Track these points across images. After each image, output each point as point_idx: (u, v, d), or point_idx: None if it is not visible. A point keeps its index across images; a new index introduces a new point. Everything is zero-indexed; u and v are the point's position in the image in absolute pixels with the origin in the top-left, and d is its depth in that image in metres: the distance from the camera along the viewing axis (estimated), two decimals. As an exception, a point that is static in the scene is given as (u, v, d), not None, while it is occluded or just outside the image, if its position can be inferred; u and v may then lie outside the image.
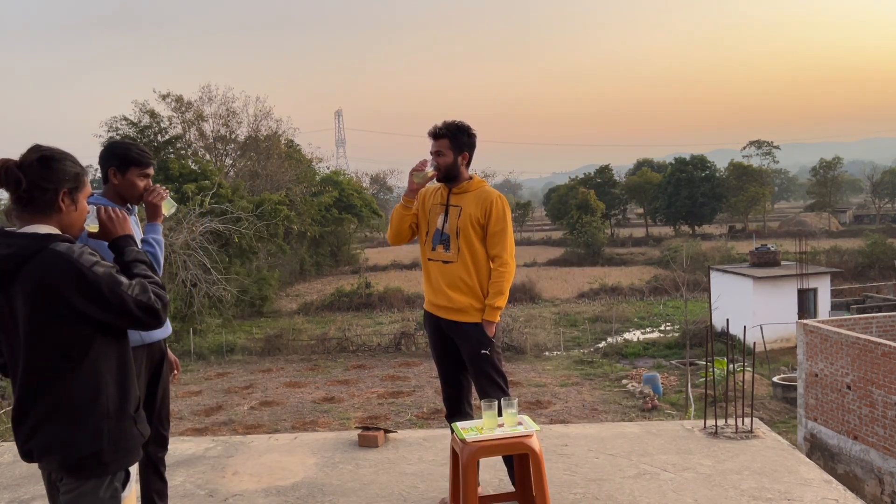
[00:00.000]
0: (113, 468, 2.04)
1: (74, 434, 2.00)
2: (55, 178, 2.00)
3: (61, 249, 1.94)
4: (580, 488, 3.70)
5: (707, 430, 4.51)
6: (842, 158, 74.62)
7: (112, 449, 2.03)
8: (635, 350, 25.20)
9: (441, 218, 3.51)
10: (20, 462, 4.40)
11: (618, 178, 73.38)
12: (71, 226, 2.07)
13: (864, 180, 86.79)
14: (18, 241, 1.96)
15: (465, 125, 3.51)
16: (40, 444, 2.03)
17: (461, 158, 3.50)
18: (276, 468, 4.16)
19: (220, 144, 39.51)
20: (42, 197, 2.00)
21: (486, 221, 3.46)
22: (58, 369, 1.99)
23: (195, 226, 24.39)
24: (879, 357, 11.36)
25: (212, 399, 20.12)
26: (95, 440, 2.01)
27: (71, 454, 2.00)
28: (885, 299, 27.86)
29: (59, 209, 2.02)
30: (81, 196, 2.09)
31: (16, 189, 1.97)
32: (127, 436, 2.07)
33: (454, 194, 3.52)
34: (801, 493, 3.53)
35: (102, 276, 1.95)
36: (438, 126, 3.48)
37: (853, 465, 12.12)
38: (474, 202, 3.47)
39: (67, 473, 2.02)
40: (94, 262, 1.96)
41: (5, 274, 1.96)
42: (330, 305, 35.01)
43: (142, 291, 2.01)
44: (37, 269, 1.93)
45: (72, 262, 1.93)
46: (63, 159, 2.03)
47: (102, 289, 1.94)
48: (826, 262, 36.03)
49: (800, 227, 58.00)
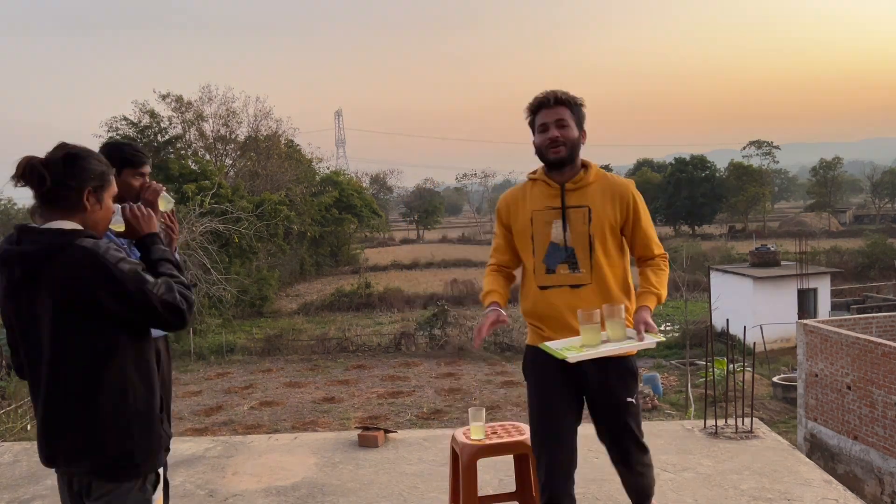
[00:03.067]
0: (144, 469, 2.01)
1: (105, 437, 1.95)
2: (80, 176, 1.96)
3: (87, 245, 1.90)
4: (580, 488, 3.69)
5: (707, 430, 4.50)
6: (842, 158, 74.60)
7: (143, 450, 1.99)
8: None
9: (558, 226, 2.62)
10: (20, 462, 4.39)
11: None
12: (96, 225, 2.03)
13: (865, 180, 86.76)
14: (43, 238, 1.91)
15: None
16: (68, 449, 1.97)
17: (582, 137, 2.65)
18: (276, 468, 4.16)
19: (220, 144, 39.50)
20: (66, 195, 1.95)
21: (625, 221, 2.64)
22: (85, 370, 1.93)
23: (195, 226, 24.38)
24: (879, 357, 11.35)
25: (212, 399, 20.11)
26: (127, 442, 1.97)
27: (102, 458, 1.95)
28: (885, 299, 27.85)
29: (83, 208, 1.98)
30: (107, 195, 2.04)
31: (40, 187, 1.93)
32: (156, 436, 2.04)
33: (572, 191, 2.62)
34: (802, 493, 3.53)
35: (128, 273, 1.90)
36: (555, 91, 2.62)
37: (853, 466, 12.12)
38: (603, 197, 2.62)
39: (98, 478, 1.97)
40: (121, 259, 1.91)
41: (29, 271, 1.91)
42: (330, 305, 34.99)
43: (167, 290, 1.96)
44: (62, 265, 1.88)
45: (98, 258, 1.88)
46: (89, 157, 2.00)
47: (128, 286, 1.89)
48: (826, 262, 35.99)
49: (800, 227, 57.94)
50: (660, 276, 2.62)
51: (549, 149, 2.57)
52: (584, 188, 2.62)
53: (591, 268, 2.59)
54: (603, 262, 2.60)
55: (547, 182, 2.65)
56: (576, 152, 2.61)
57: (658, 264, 2.65)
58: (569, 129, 2.57)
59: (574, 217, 2.60)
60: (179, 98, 36.86)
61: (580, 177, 2.62)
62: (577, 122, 2.61)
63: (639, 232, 2.65)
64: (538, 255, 2.64)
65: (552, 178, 2.64)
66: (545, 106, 2.59)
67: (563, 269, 2.61)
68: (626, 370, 2.63)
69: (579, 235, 2.59)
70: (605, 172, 2.70)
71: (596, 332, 2.43)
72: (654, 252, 2.67)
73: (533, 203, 2.66)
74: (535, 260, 2.65)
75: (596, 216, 2.59)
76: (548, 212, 2.63)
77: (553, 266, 2.62)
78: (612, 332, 2.47)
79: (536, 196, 2.66)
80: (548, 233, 2.63)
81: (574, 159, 2.62)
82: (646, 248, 2.67)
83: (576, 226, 2.60)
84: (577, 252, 2.60)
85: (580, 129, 2.63)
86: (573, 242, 2.60)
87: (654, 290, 2.60)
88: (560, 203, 2.61)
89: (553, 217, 2.62)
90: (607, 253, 2.61)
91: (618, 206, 2.62)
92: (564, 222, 2.61)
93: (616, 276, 2.63)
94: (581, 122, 2.63)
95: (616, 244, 2.64)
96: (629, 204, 2.63)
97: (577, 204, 2.60)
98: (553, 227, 2.62)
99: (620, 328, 2.48)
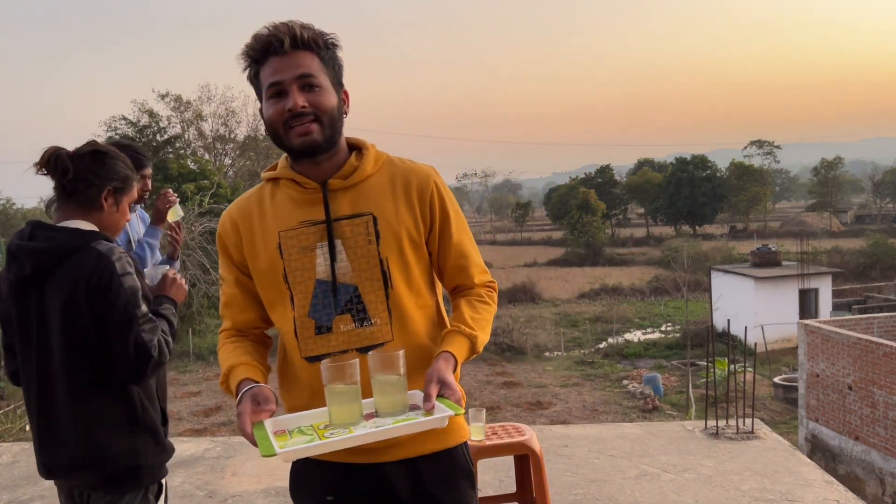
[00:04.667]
0: (147, 481, 1.98)
1: (110, 449, 1.92)
2: (103, 174, 1.95)
3: (102, 249, 1.86)
4: (580, 489, 3.68)
5: (708, 430, 4.49)
6: (843, 158, 74.68)
7: (147, 462, 1.97)
8: (636, 350, 25.20)
9: (324, 252, 1.58)
10: (19, 462, 4.38)
11: (618, 177, 73.44)
12: (110, 227, 2.00)
13: (866, 180, 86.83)
14: (59, 236, 1.87)
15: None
16: (70, 460, 1.93)
17: (344, 101, 1.62)
18: (276, 469, 4.15)
19: (220, 144, 39.51)
20: (86, 191, 1.93)
21: (429, 229, 1.63)
22: (91, 379, 1.89)
23: (194, 226, 24.38)
24: (881, 357, 11.34)
25: (211, 399, 20.11)
26: (132, 454, 1.94)
27: (107, 469, 1.92)
28: (887, 299, 27.86)
29: (100, 207, 1.95)
30: (125, 199, 2.03)
31: (62, 177, 1.91)
32: (160, 448, 2.01)
33: (340, 191, 1.60)
34: (802, 493, 3.52)
35: (127, 289, 1.85)
36: (290, 25, 1.53)
37: (854, 466, 12.10)
38: (393, 194, 1.61)
39: (98, 490, 1.94)
40: (128, 273, 1.87)
41: (41, 270, 1.86)
42: (330, 305, 35.00)
43: (150, 330, 1.88)
44: (75, 267, 1.84)
45: (108, 263, 1.85)
46: (116, 158, 1.99)
47: (119, 299, 1.84)
48: (827, 262, 36.00)
49: (801, 227, 57.96)
50: (479, 311, 1.64)
51: (291, 127, 1.53)
52: (359, 185, 1.60)
53: (391, 316, 1.58)
54: (408, 304, 1.60)
55: (296, 182, 1.59)
56: (336, 128, 1.57)
57: (480, 295, 1.68)
58: (322, 93, 1.53)
59: (350, 233, 1.57)
60: (178, 97, 36.88)
61: (350, 166, 1.60)
62: (333, 77, 1.57)
63: (449, 248, 1.64)
64: (300, 307, 1.59)
65: (304, 173, 1.59)
66: (275, 52, 1.52)
67: (345, 324, 1.58)
68: (452, 463, 1.63)
69: (363, 262, 1.57)
70: (390, 156, 1.67)
71: (351, 401, 1.43)
72: (473, 279, 1.68)
73: (278, 219, 1.60)
74: (294, 314, 1.59)
75: (386, 226, 1.58)
76: (305, 230, 1.58)
77: (326, 321, 1.58)
78: (384, 402, 1.44)
79: (282, 206, 1.61)
80: (310, 265, 1.58)
81: (336, 140, 1.58)
82: (461, 274, 1.67)
83: (355, 248, 1.57)
84: (364, 290, 1.58)
85: (339, 88, 1.59)
86: (354, 276, 1.57)
87: (465, 328, 1.58)
88: (324, 213, 1.57)
89: (315, 238, 1.58)
90: (412, 285, 1.61)
91: (417, 205, 1.60)
92: (333, 245, 1.57)
93: (430, 323, 1.65)
94: (338, 75, 1.59)
95: (423, 269, 1.64)
96: (434, 202, 1.62)
97: (351, 212, 1.58)
98: (317, 254, 1.58)
99: (398, 394, 1.45)
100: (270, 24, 1.53)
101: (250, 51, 1.55)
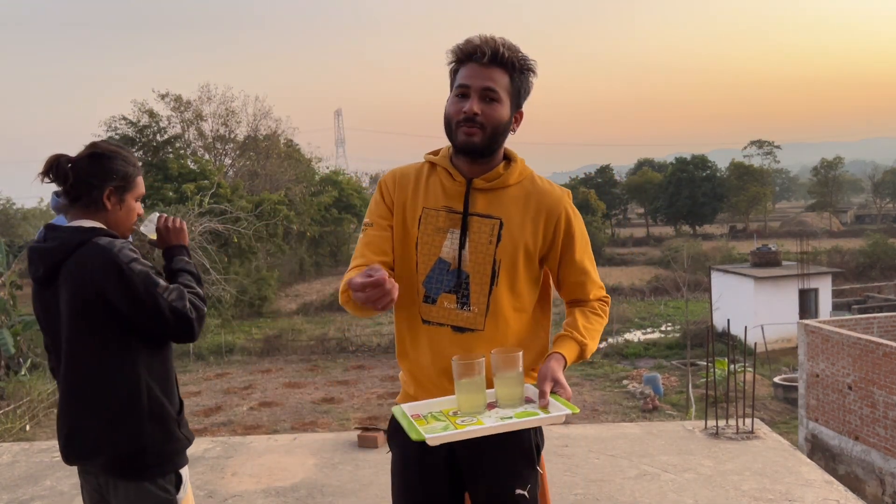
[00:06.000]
0: (158, 471, 2.01)
1: (116, 435, 1.97)
2: (101, 175, 1.99)
3: (102, 243, 1.93)
4: (581, 489, 3.68)
5: (708, 430, 4.49)
6: (843, 158, 74.58)
7: (155, 451, 2.00)
8: (636, 350, 25.19)
9: (453, 238, 1.82)
10: (18, 462, 4.38)
11: (618, 177, 73.39)
12: (117, 225, 2.05)
13: (866, 180, 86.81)
14: (63, 235, 1.96)
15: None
16: (83, 445, 2.00)
17: (515, 119, 1.83)
18: (276, 469, 4.15)
19: (220, 144, 39.51)
20: (88, 193, 1.99)
21: (549, 248, 1.84)
22: (98, 368, 1.96)
23: (194, 226, 24.37)
24: (881, 357, 11.34)
25: (211, 399, 20.10)
26: (137, 441, 1.98)
27: (114, 455, 1.98)
28: (887, 299, 27.86)
29: (104, 207, 2.00)
30: (130, 196, 2.06)
31: (63, 184, 1.98)
32: (171, 438, 2.04)
33: (482, 192, 1.82)
34: (802, 493, 3.52)
35: (139, 275, 1.90)
36: (497, 42, 1.74)
37: (854, 466, 12.10)
38: (524, 208, 1.82)
39: (111, 475, 1.99)
40: (133, 259, 1.93)
41: (51, 268, 1.95)
42: (329, 306, 34.97)
43: (178, 297, 1.95)
44: (77, 262, 1.92)
45: (111, 255, 1.90)
46: (113, 157, 2.02)
47: (138, 287, 1.90)
48: (827, 262, 36.00)
49: (801, 227, 57.95)
50: (592, 322, 1.83)
51: (461, 126, 1.73)
52: (499, 191, 1.81)
53: (488, 309, 1.79)
54: (506, 304, 1.80)
55: (449, 172, 1.82)
56: (498, 142, 1.78)
57: (594, 308, 1.87)
58: (497, 107, 1.73)
59: (478, 229, 1.79)
60: (178, 97, 36.88)
61: (496, 173, 1.80)
62: (513, 96, 1.77)
63: (571, 265, 1.85)
64: (420, 273, 1.83)
65: (458, 167, 1.82)
66: (475, 60, 1.73)
67: (448, 302, 1.80)
68: (518, 450, 1.82)
69: (480, 256, 1.79)
70: (536, 175, 1.87)
71: (478, 392, 1.65)
72: (589, 294, 1.87)
73: (427, 197, 1.83)
74: (415, 277, 1.83)
75: (508, 234, 1.79)
76: (444, 214, 1.81)
77: (435, 294, 1.81)
78: (504, 394, 1.67)
79: (433, 188, 1.84)
80: (438, 244, 1.81)
81: (494, 150, 1.79)
82: (579, 289, 1.88)
83: (477, 242, 1.79)
84: (473, 281, 1.79)
85: (516, 109, 1.80)
86: (470, 266, 1.79)
87: (577, 335, 1.78)
88: (462, 205, 1.80)
89: (449, 224, 1.80)
90: (515, 291, 1.81)
91: (542, 224, 1.81)
92: (463, 234, 1.79)
93: (521, 327, 1.84)
94: (520, 97, 1.80)
95: (530, 280, 1.84)
96: (559, 225, 1.82)
97: (485, 212, 1.80)
98: (447, 237, 1.81)
99: (516, 388, 1.67)
100: (482, 36, 1.75)
101: (458, 51, 1.77)
